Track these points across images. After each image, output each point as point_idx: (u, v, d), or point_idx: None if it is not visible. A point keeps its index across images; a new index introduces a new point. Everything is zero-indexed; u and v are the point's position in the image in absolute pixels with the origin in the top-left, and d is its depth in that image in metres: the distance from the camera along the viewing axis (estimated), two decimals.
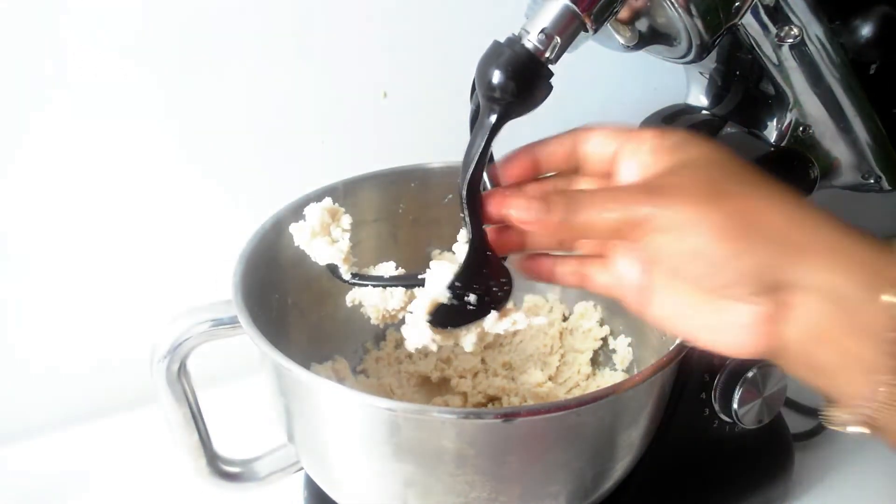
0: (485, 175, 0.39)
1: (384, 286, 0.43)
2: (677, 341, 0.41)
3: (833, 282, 0.29)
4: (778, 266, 0.30)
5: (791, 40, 0.42)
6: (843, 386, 0.30)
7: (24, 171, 0.59)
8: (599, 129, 0.37)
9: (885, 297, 0.28)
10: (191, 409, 0.47)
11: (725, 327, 0.32)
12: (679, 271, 0.32)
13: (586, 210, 0.33)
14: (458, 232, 0.42)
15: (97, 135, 0.60)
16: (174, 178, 0.64)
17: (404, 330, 0.39)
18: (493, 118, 0.36)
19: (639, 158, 0.35)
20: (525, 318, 0.39)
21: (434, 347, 0.38)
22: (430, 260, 0.60)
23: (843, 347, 0.30)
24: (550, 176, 0.40)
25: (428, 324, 0.38)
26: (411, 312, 0.39)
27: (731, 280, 0.31)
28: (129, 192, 0.63)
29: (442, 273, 0.39)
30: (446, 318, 0.38)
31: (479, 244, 0.38)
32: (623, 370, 0.58)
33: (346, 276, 0.43)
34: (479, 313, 0.38)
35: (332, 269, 0.43)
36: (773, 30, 0.42)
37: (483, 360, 0.61)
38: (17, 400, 0.67)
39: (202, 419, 0.48)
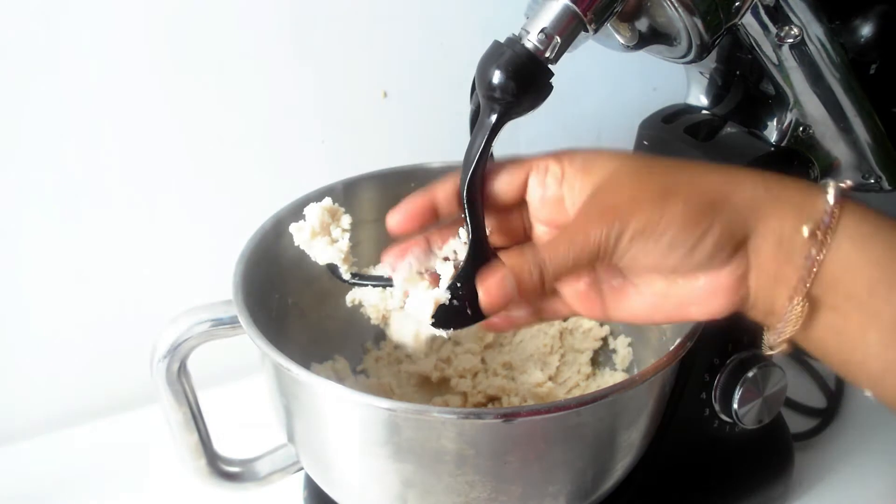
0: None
1: (384, 286, 0.43)
2: (677, 341, 0.41)
3: (775, 226, 0.34)
4: (739, 227, 0.34)
5: (791, 40, 0.42)
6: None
7: (25, 172, 0.59)
8: (499, 164, 0.39)
9: (805, 227, 0.33)
10: (191, 409, 0.47)
11: (701, 298, 0.35)
12: (659, 266, 0.35)
13: (558, 260, 0.35)
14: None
15: (98, 135, 0.60)
16: (174, 178, 0.64)
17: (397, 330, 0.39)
18: (494, 118, 0.36)
19: (548, 186, 0.38)
20: None
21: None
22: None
23: (787, 282, 0.34)
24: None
25: (431, 326, 0.38)
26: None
27: (708, 253, 0.34)
28: (129, 192, 0.63)
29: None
30: (448, 319, 0.38)
31: (479, 244, 0.38)
32: (623, 370, 0.58)
33: (346, 276, 0.43)
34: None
35: (332, 269, 0.43)
36: (773, 30, 0.42)
37: (483, 360, 0.61)
38: (17, 400, 0.67)
39: (202, 419, 0.48)
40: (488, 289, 0.36)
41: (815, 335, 0.34)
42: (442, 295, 0.38)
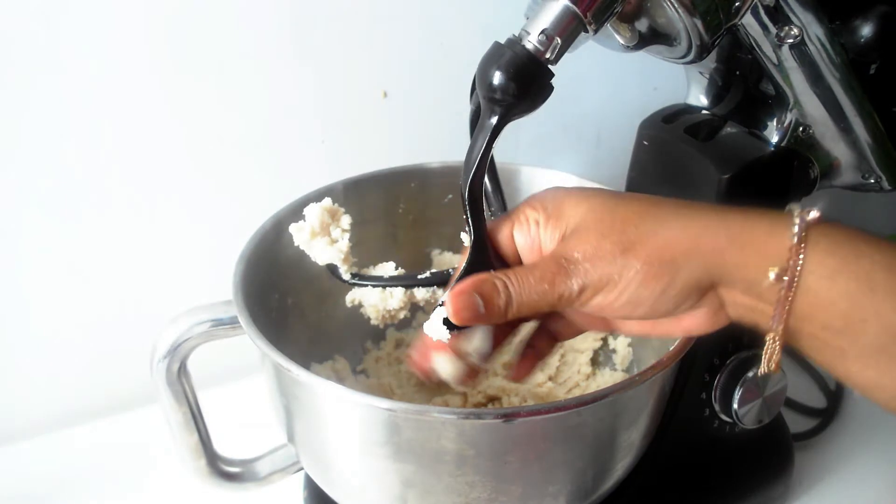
0: (486, 177, 0.39)
1: (384, 286, 0.43)
2: (678, 341, 0.41)
3: (741, 273, 0.34)
4: (703, 278, 0.35)
5: (791, 40, 0.42)
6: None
7: (25, 172, 0.59)
8: (492, 224, 0.40)
9: (770, 272, 0.33)
10: (191, 409, 0.47)
11: (688, 325, 0.37)
12: (628, 315, 0.37)
13: (522, 295, 0.36)
14: (458, 232, 0.42)
15: (98, 135, 0.60)
16: (174, 179, 0.64)
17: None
18: (495, 119, 0.36)
19: (532, 234, 0.38)
20: None
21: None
22: (431, 260, 0.60)
23: (764, 314, 0.35)
24: None
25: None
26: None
27: (672, 306, 0.36)
28: (129, 192, 0.63)
29: None
30: (449, 320, 0.38)
31: (480, 246, 0.38)
32: (623, 370, 0.58)
33: (346, 277, 0.43)
34: None
35: (332, 270, 0.43)
36: (773, 30, 0.42)
37: None
38: (17, 400, 0.67)
39: (202, 419, 0.48)
40: (457, 304, 0.36)
41: (802, 350, 0.35)
42: (444, 297, 0.38)
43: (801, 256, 0.33)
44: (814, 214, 0.33)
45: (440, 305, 0.38)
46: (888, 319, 0.32)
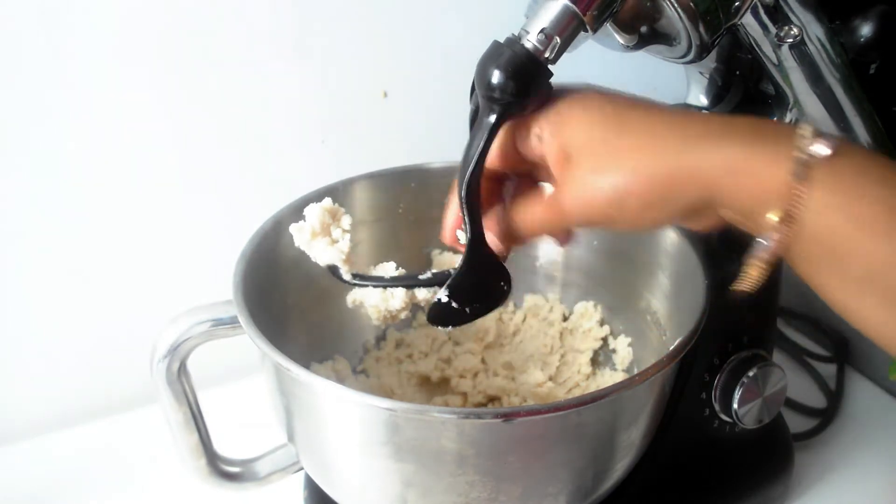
0: None
1: (384, 286, 0.43)
2: (677, 341, 0.41)
3: (737, 203, 0.34)
4: (697, 202, 0.34)
5: (791, 40, 0.42)
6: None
7: (25, 173, 0.59)
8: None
9: (769, 216, 0.32)
10: (191, 409, 0.47)
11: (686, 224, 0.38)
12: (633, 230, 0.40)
13: (533, 226, 0.39)
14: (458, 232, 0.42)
15: (97, 135, 0.60)
16: (174, 179, 0.64)
17: None
18: (493, 118, 0.36)
19: (532, 146, 0.38)
20: None
21: None
22: (431, 260, 0.60)
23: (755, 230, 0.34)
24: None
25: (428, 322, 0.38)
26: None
27: (669, 222, 0.38)
28: (129, 192, 0.63)
29: None
30: (445, 317, 0.38)
31: (477, 244, 0.38)
32: (623, 370, 0.58)
33: (347, 277, 0.43)
34: (479, 313, 0.39)
35: (333, 270, 0.43)
36: (773, 30, 0.42)
37: (483, 360, 0.61)
38: (17, 400, 0.67)
39: (202, 419, 0.48)
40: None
41: (794, 269, 0.34)
42: (441, 294, 0.38)
43: (802, 198, 0.31)
44: (822, 151, 0.31)
45: (438, 301, 0.38)
46: (871, 256, 0.31)
